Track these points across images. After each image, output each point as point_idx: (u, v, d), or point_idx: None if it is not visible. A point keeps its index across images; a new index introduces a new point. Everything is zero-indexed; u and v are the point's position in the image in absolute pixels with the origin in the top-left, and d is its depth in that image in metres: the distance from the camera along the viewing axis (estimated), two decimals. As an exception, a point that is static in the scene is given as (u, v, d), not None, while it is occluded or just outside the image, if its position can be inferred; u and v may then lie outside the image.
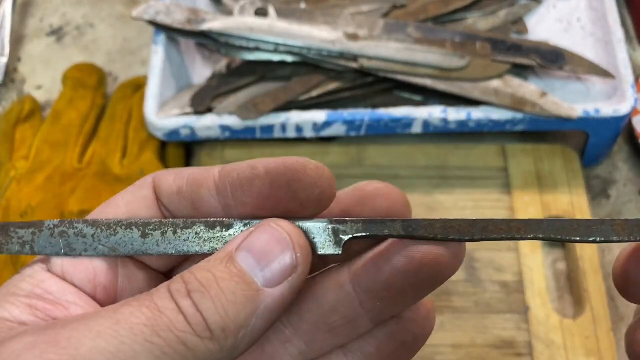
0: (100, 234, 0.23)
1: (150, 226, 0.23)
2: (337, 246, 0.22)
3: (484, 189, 0.52)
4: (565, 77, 0.53)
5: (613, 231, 0.22)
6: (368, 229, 0.22)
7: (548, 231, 0.22)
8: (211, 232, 0.22)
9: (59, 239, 0.23)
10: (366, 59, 0.49)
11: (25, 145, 0.54)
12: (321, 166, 0.22)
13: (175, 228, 0.22)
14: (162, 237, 0.23)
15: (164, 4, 0.52)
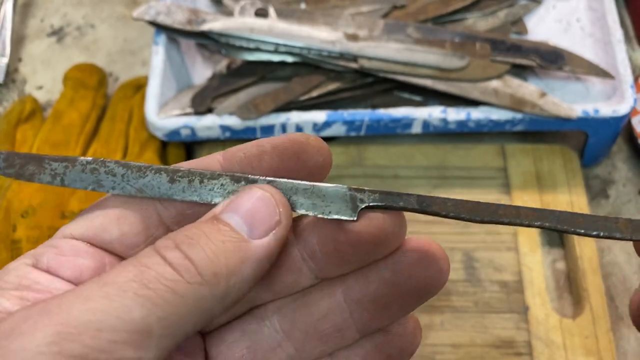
0: (130, 175, 0.23)
1: (179, 173, 0.23)
2: (353, 212, 0.23)
3: (484, 188, 0.52)
4: (564, 77, 0.53)
5: (617, 228, 0.23)
6: (384, 199, 0.23)
7: (554, 221, 0.23)
8: (236, 184, 0.23)
9: (90, 174, 0.23)
10: (366, 59, 0.50)
11: (26, 145, 0.54)
12: (319, 138, 0.24)
13: (202, 177, 0.23)
14: (189, 184, 0.23)
15: (164, 5, 0.52)
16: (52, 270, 0.22)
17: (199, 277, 0.20)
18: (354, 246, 0.24)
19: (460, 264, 0.49)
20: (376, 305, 0.25)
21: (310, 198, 0.23)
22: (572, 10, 0.56)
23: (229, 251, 0.21)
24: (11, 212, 0.51)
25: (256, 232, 0.22)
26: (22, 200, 0.51)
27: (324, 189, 0.23)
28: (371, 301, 0.24)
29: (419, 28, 0.53)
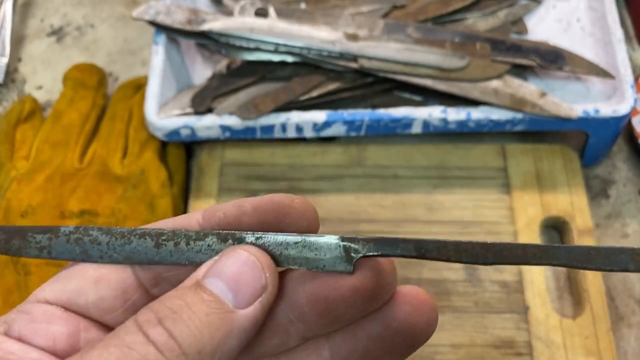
0: (115, 242, 0.23)
1: (163, 236, 0.23)
2: (348, 264, 0.22)
3: (484, 188, 0.52)
4: (564, 77, 0.53)
5: (632, 261, 0.22)
6: (380, 248, 0.22)
7: (564, 258, 0.22)
8: (223, 244, 0.22)
9: (75, 245, 0.23)
10: (366, 59, 0.50)
11: (25, 145, 0.54)
12: (305, 200, 0.23)
13: (188, 239, 0.22)
14: (175, 248, 0.23)
15: (164, 5, 0.52)
16: (24, 338, 0.21)
17: (183, 357, 0.19)
18: (348, 303, 0.22)
19: (460, 264, 0.49)
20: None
21: (301, 252, 0.22)
22: (572, 10, 0.56)
23: (213, 324, 0.20)
24: (11, 212, 0.51)
25: (242, 300, 0.21)
26: (21, 200, 0.51)
27: (315, 242, 0.22)
28: (360, 357, 0.23)
29: (419, 28, 0.53)
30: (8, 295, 0.49)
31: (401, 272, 0.48)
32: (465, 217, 0.50)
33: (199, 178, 0.53)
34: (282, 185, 0.52)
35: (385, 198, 0.52)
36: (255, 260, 0.21)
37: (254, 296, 0.21)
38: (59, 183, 0.52)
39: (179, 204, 0.53)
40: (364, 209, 0.51)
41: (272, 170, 0.53)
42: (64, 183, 0.52)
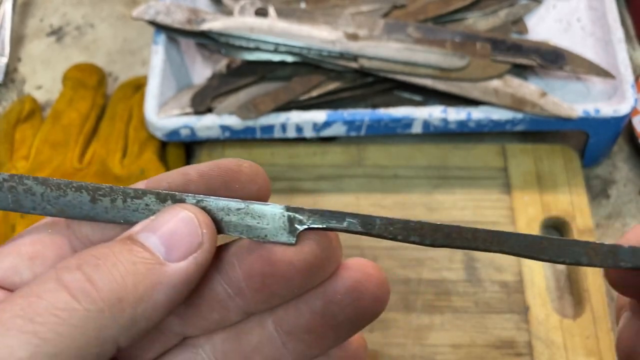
0: (50, 194, 0.21)
1: (100, 191, 0.21)
2: (291, 235, 0.21)
3: (484, 188, 0.52)
4: (565, 77, 0.53)
5: (585, 254, 0.21)
6: (326, 221, 0.21)
7: (515, 246, 0.21)
8: (161, 204, 0.21)
9: (8, 193, 0.22)
10: (366, 59, 0.50)
11: (25, 145, 0.54)
12: (255, 164, 0.22)
13: (125, 197, 0.21)
14: (112, 204, 0.21)
15: (164, 4, 0.52)
16: None
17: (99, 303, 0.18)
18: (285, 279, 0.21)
19: (460, 264, 0.49)
20: (310, 335, 0.23)
21: (244, 219, 0.21)
22: (573, 10, 0.56)
23: (139, 274, 0.19)
24: (10, 212, 0.51)
25: (174, 254, 0.19)
26: (21, 200, 0.51)
27: (259, 209, 0.21)
28: (304, 332, 0.23)
29: (419, 28, 0.53)
30: (7, 295, 0.49)
31: (401, 272, 0.48)
32: (466, 217, 0.50)
33: (198, 178, 0.53)
34: (282, 185, 0.52)
35: (385, 198, 0.52)
36: (193, 216, 0.20)
37: (188, 251, 0.20)
38: (58, 183, 0.52)
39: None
40: (364, 209, 0.51)
41: (272, 170, 0.53)
42: (64, 183, 0.52)
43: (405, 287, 0.48)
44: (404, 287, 0.48)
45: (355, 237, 0.50)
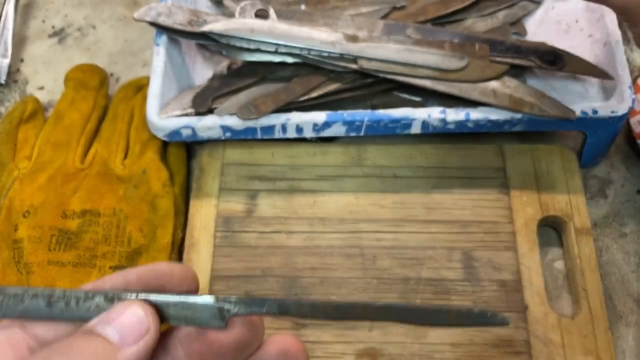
0: (9, 303, 0.24)
1: (53, 297, 0.25)
2: (221, 321, 0.26)
3: (483, 188, 0.52)
4: (563, 78, 0.53)
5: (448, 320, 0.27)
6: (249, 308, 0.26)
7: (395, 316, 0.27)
8: (110, 303, 0.25)
9: None
10: (366, 60, 0.50)
11: (27, 145, 0.55)
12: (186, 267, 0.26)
13: (78, 299, 0.25)
14: (66, 307, 0.25)
15: (165, 6, 0.52)
16: None
17: None
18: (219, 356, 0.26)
19: (459, 264, 0.49)
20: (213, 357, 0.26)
21: (181, 311, 0.25)
22: (571, 11, 0.57)
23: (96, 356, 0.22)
24: (13, 212, 0.51)
25: (127, 339, 0.23)
26: (23, 200, 0.51)
27: (192, 303, 0.25)
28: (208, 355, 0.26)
29: (418, 29, 0.53)
30: (10, 294, 0.49)
31: (400, 271, 0.49)
32: (464, 216, 0.51)
33: (200, 178, 0.53)
34: (283, 185, 0.53)
35: (385, 198, 0.52)
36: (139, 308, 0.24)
37: (138, 337, 0.23)
38: (60, 183, 0.52)
39: (180, 203, 0.53)
40: (363, 209, 0.52)
41: (272, 170, 0.54)
42: (66, 183, 0.52)
43: (404, 286, 0.48)
44: (403, 286, 0.48)
45: (356, 237, 0.50)
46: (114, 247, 0.49)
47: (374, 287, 0.48)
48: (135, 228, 0.50)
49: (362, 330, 0.47)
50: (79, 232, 0.50)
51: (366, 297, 0.48)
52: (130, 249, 0.49)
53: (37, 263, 0.49)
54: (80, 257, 0.49)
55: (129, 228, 0.50)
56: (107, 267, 0.48)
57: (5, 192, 0.52)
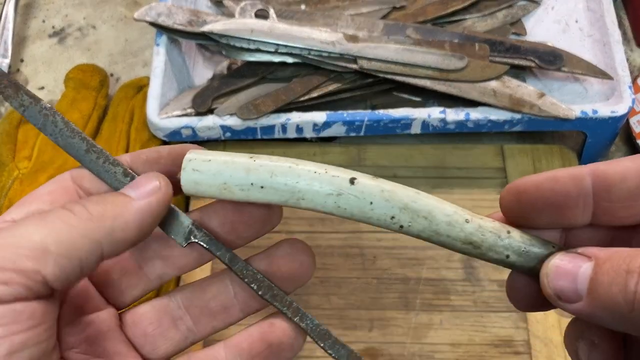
0: (65, 131, 0.30)
1: (94, 147, 0.30)
2: (185, 240, 0.30)
3: (483, 188, 0.52)
4: (563, 78, 0.53)
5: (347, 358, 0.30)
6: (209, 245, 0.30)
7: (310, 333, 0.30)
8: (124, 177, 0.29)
9: (41, 117, 0.30)
10: (366, 60, 0.50)
11: (27, 145, 0.55)
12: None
13: (106, 160, 0.30)
14: (96, 159, 0.30)
15: (165, 6, 0.52)
16: None
17: (88, 214, 0.26)
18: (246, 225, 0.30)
19: (459, 264, 0.49)
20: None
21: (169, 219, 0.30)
22: (571, 11, 0.57)
23: (116, 202, 0.27)
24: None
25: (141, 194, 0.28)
26: (24, 200, 0.51)
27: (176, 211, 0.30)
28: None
29: (418, 29, 0.53)
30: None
31: (400, 271, 0.49)
32: (464, 216, 0.51)
33: (199, 178, 0.53)
34: (283, 185, 0.53)
35: (385, 198, 0.52)
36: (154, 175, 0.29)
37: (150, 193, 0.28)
38: (61, 183, 0.52)
39: (180, 203, 0.53)
40: (363, 209, 0.52)
41: (272, 170, 0.54)
42: (66, 183, 0.52)
43: (405, 286, 0.48)
44: (403, 286, 0.48)
45: (356, 237, 0.50)
46: (114, 247, 0.49)
47: (374, 287, 0.48)
48: (135, 228, 0.50)
49: (362, 331, 0.47)
50: (79, 232, 0.50)
51: (366, 297, 0.48)
52: (130, 249, 0.49)
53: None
54: (81, 257, 0.49)
55: (129, 228, 0.50)
56: (107, 267, 0.49)
57: (5, 192, 0.52)
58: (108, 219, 0.26)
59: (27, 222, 0.25)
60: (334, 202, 0.27)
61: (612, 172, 0.25)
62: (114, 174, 0.29)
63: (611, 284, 0.23)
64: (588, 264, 0.24)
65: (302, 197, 0.28)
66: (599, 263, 0.24)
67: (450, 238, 0.29)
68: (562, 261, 0.25)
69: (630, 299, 0.22)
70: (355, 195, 0.27)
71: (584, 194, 0.26)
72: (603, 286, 0.23)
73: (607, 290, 0.23)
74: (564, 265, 0.25)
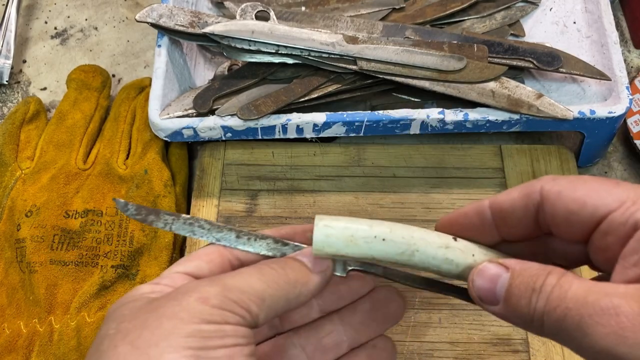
0: (212, 229, 0.35)
1: (242, 232, 0.35)
2: (344, 272, 0.36)
3: (481, 188, 0.52)
4: (561, 79, 0.54)
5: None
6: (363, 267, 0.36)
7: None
8: (275, 244, 0.35)
9: (188, 226, 0.36)
10: (365, 61, 0.50)
11: (30, 145, 0.55)
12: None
13: (256, 237, 0.35)
14: (248, 241, 0.35)
15: (166, 7, 0.53)
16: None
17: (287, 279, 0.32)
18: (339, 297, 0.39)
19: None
20: (360, 325, 0.38)
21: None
22: (569, 13, 0.57)
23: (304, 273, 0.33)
24: (15, 212, 0.51)
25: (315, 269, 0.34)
26: (26, 199, 0.52)
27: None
28: (357, 323, 0.38)
29: (417, 30, 0.54)
30: (13, 293, 0.49)
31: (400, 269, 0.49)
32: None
33: (201, 178, 0.54)
34: (283, 185, 0.53)
35: (384, 197, 0.52)
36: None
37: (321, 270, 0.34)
38: (63, 183, 0.52)
39: (181, 203, 0.53)
40: (363, 208, 0.52)
41: (273, 170, 0.54)
42: (68, 183, 0.53)
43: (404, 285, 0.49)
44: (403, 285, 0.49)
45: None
46: (116, 246, 0.50)
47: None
48: (137, 227, 0.50)
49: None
50: (81, 231, 0.50)
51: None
52: (132, 248, 0.50)
53: (39, 262, 0.49)
54: (83, 256, 0.50)
55: (131, 227, 0.50)
56: (109, 267, 0.49)
57: (7, 192, 0.53)
58: (298, 286, 0.33)
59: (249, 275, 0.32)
60: (444, 254, 0.33)
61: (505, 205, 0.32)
62: (266, 245, 0.35)
63: (520, 297, 0.29)
64: (506, 275, 0.30)
65: (416, 248, 0.33)
66: (514, 275, 0.30)
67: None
68: (486, 269, 0.31)
69: (532, 313, 0.28)
70: (461, 249, 0.33)
71: (486, 224, 0.33)
72: (515, 297, 0.29)
73: (517, 301, 0.29)
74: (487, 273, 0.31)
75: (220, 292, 0.30)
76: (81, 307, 0.47)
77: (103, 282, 0.48)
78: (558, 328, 0.27)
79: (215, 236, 0.35)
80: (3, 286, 0.50)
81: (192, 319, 0.29)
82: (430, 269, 0.33)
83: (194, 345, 0.28)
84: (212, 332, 0.29)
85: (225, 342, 0.29)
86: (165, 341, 0.28)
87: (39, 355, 0.46)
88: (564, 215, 0.30)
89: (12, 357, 0.47)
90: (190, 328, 0.28)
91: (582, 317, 0.26)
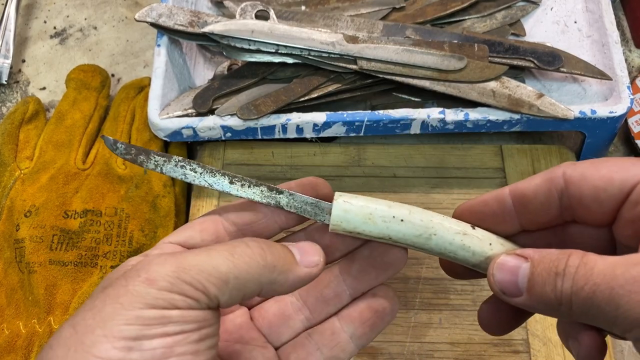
0: (205, 172, 0.33)
1: (236, 178, 0.34)
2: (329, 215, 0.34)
3: (481, 188, 0.52)
4: (562, 79, 0.53)
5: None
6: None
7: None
8: (269, 192, 0.34)
9: (179, 168, 0.34)
10: (365, 60, 0.50)
11: (29, 145, 0.55)
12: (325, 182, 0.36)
13: (250, 183, 0.34)
14: (241, 187, 0.34)
15: (166, 7, 0.52)
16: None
17: (264, 262, 0.30)
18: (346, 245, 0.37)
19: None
20: (359, 274, 0.36)
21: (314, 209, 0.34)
22: (570, 12, 0.57)
23: (287, 261, 0.32)
24: (14, 212, 0.51)
25: (304, 262, 0.33)
26: (25, 200, 0.52)
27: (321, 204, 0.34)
28: (356, 271, 0.36)
29: (417, 30, 0.54)
30: (12, 293, 0.49)
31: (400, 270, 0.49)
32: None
33: (200, 178, 0.54)
34: (283, 185, 0.53)
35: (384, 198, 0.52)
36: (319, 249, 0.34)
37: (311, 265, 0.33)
38: (62, 183, 0.52)
39: (181, 203, 0.53)
40: (363, 209, 0.52)
41: (272, 170, 0.54)
42: (68, 183, 0.52)
43: (404, 285, 0.49)
44: (403, 285, 0.49)
45: (355, 236, 0.50)
46: (115, 246, 0.50)
47: (373, 286, 0.49)
48: (136, 228, 0.50)
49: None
50: (80, 231, 0.50)
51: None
52: (131, 248, 0.50)
53: (38, 263, 0.49)
54: (82, 256, 0.49)
55: (131, 228, 0.50)
56: (109, 267, 0.49)
57: (7, 192, 0.53)
58: (275, 272, 0.31)
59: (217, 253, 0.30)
60: (461, 240, 0.32)
61: (527, 191, 0.32)
62: (260, 193, 0.34)
63: (544, 284, 0.29)
64: (526, 265, 0.30)
65: (434, 232, 0.32)
66: (534, 264, 0.30)
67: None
68: (505, 261, 0.31)
69: (559, 296, 0.28)
70: (478, 237, 0.33)
71: (507, 212, 0.33)
72: (539, 285, 0.29)
73: (542, 289, 0.29)
74: (507, 265, 0.31)
75: (171, 273, 0.28)
76: (80, 308, 0.47)
77: (102, 282, 0.48)
78: (588, 306, 0.27)
79: (207, 180, 0.33)
80: (2, 286, 0.50)
81: (134, 304, 0.27)
82: (446, 254, 0.33)
83: (129, 334, 0.26)
84: (152, 318, 0.27)
85: (166, 330, 0.27)
86: (101, 328, 0.26)
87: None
88: (592, 194, 0.30)
89: (11, 357, 0.47)
90: (130, 314, 0.26)
91: (612, 289, 0.26)
